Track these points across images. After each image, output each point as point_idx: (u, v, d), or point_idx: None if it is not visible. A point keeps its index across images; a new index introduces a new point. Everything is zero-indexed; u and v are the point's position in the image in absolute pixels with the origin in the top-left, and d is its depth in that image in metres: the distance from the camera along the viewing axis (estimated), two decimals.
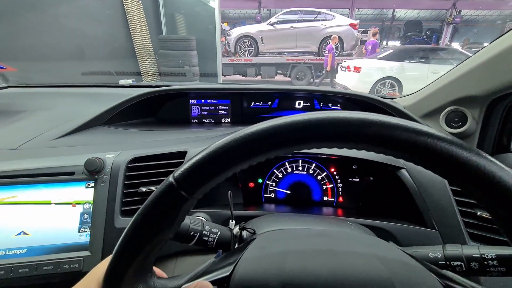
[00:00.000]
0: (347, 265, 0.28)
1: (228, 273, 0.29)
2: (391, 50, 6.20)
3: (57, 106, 1.01)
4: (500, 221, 0.22)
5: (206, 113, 0.96)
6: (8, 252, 0.49)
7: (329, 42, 6.53)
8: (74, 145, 0.65)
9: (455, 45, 12.02)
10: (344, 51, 7.51)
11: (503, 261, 0.34)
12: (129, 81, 1.73)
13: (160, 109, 0.94)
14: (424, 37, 11.68)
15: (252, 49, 7.56)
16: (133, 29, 3.98)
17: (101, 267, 0.28)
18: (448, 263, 0.36)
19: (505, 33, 0.53)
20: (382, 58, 5.94)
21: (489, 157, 0.21)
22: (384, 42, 12.91)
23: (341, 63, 6.44)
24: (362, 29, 9.83)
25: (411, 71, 5.59)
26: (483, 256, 0.35)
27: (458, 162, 0.20)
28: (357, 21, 7.46)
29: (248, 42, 7.52)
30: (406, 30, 11.76)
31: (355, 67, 5.80)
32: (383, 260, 0.29)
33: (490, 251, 0.35)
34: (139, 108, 0.86)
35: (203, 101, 0.94)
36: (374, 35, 6.71)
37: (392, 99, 0.95)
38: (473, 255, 0.35)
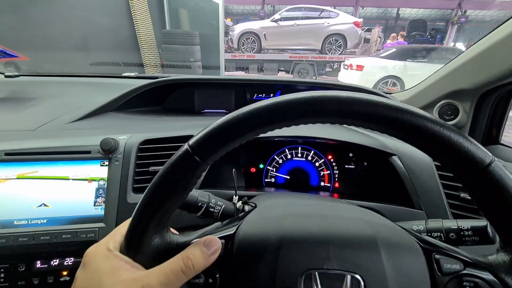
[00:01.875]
0: (336, 225, 0.32)
1: (232, 232, 0.34)
2: (394, 49, 6.20)
3: (67, 94, 1.05)
4: (467, 187, 0.27)
5: (211, 103, 1.00)
6: (31, 222, 0.53)
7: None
8: (88, 128, 0.70)
9: (460, 45, 11.97)
10: (347, 49, 7.50)
11: (477, 231, 0.38)
12: (132, 74, 1.76)
13: (167, 99, 0.99)
14: (428, 36, 11.63)
15: (255, 46, 7.57)
16: (137, 23, 4.00)
17: (125, 225, 0.32)
18: (429, 234, 0.40)
19: (493, 30, 0.56)
20: (385, 57, 5.95)
21: (458, 131, 0.25)
22: (388, 41, 12.85)
23: (344, 61, 6.45)
24: (366, 28, 9.81)
25: (413, 71, 5.59)
26: (460, 227, 0.39)
27: (433, 136, 0.24)
28: (361, 20, 7.44)
29: (251, 38, 7.52)
30: (410, 29, 11.71)
31: (357, 66, 5.80)
32: (369, 223, 0.33)
33: (466, 223, 0.39)
34: (147, 97, 0.91)
35: (208, 91, 0.98)
36: (402, 36, 6.86)
37: (390, 93, 0.99)
38: (451, 227, 0.39)
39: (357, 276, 0.28)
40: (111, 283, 0.26)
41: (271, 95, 1.00)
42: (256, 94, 1.00)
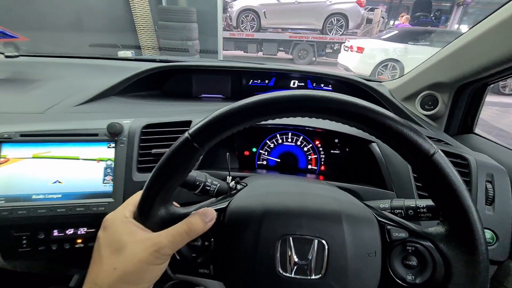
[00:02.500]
0: (309, 201, 0.39)
1: (225, 205, 0.40)
2: (396, 31, 6.08)
3: (68, 76, 1.08)
4: (417, 172, 0.33)
5: (208, 88, 1.04)
6: (47, 196, 0.60)
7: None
8: (94, 112, 0.75)
9: (464, 28, 11.68)
10: (348, 29, 7.33)
11: (430, 209, 0.45)
12: (128, 53, 1.76)
13: (166, 83, 1.03)
14: (433, 18, 11.30)
15: (255, 24, 7.36)
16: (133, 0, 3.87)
17: (135, 197, 0.38)
18: (392, 211, 0.48)
19: (468, 30, 0.61)
20: (386, 39, 5.85)
21: (410, 126, 0.30)
22: (391, 22, 12.50)
23: (344, 42, 6.34)
24: (369, 7, 9.50)
25: (414, 54, 5.54)
26: (417, 206, 0.46)
27: (390, 130, 0.30)
28: None
29: (251, 16, 7.29)
30: (415, 9, 11.32)
31: (358, 48, 5.72)
32: (336, 200, 0.40)
33: (423, 203, 0.46)
34: (147, 81, 0.94)
35: (205, 76, 1.02)
36: (407, 19, 6.59)
37: (381, 82, 1.04)
38: (410, 205, 0.46)
39: (323, 241, 0.35)
40: (129, 241, 0.32)
41: (266, 81, 1.04)
42: (252, 80, 1.04)
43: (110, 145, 0.63)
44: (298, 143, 0.79)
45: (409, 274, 0.35)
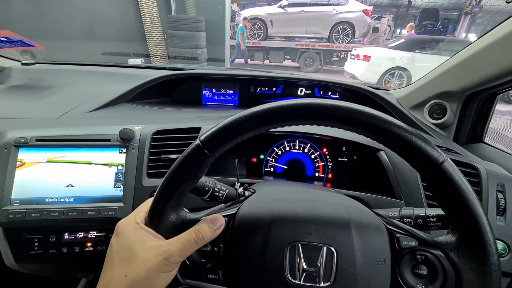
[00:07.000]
0: (318, 208, 0.39)
1: (234, 212, 0.41)
2: (403, 40, 6.08)
3: (82, 83, 1.12)
4: (426, 180, 0.33)
5: (217, 96, 1.06)
6: (60, 200, 0.61)
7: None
8: (106, 118, 0.77)
9: (472, 36, 11.62)
10: (355, 38, 7.37)
11: (440, 218, 0.45)
12: (138, 61, 1.81)
13: (175, 90, 1.05)
14: (440, 26, 11.29)
15: (261, 32, 7.47)
16: (143, 8, 3.99)
17: (147, 203, 0.39)
18: (401, 220, 0.47)
19: (479, 38, 0.61)
20: (393, 48, 5.85)
21: (419, 135, 0.31)
22: (398, 31, 12.54)
23: (351, 50, 6.37)
24: (376, 16, 9.55)
25: (421, 62, 5.52)
26: (427, 215, 0.46)
27: (399, 139, 0.30)
28: (371, 7, 7.26)
29: (258, 24, 7.42)
30: (422, 18, 11.35)
31: (364, 56, 5.73)
32: (345, 207, 0.40)
33: (432, 212, 0.46)
34: (157, 89, 0.97)
35: (214, 84, 1.04)
36: (412, 28, 6.56)
37: (387, 90, 1.04)
38: (420, 214, 0.46)
39: (332, 248, 0.35)
40: (140, 249, 0.33)
41: (274, 89, 1.06)
42: (259, 88, 1.06)
43: (121, 150, 0.65)
44: (306, 150, 0.79)
45: (419, 283, 0.35)
